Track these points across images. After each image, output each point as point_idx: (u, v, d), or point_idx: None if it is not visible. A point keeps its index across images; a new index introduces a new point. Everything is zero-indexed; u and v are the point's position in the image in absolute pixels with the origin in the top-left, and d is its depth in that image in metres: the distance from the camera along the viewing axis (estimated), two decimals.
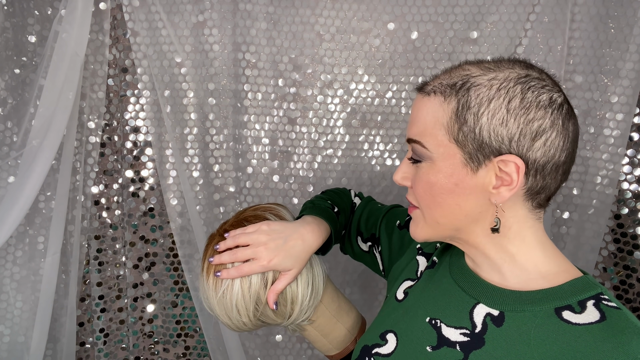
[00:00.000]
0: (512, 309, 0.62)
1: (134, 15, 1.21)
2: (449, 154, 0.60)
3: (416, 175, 0.64)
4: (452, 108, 0.60)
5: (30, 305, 1.23)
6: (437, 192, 0.62)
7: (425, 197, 0.64)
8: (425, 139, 0.62)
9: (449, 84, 0.61)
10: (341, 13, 1.20)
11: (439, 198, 0.62)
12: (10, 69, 1.14)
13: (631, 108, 1.13)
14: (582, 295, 0.60)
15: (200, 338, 1.49)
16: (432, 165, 0.62)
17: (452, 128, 0.60)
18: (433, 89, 0.62)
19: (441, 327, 0.67)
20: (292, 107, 1.26)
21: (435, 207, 0.63)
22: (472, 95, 0.59)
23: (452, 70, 0.63)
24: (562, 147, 0.59)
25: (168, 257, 1.44)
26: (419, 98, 0.64)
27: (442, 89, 0.61)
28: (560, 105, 0.59)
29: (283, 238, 0.81)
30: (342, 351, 0.93)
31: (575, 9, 1.14)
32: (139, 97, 1.34)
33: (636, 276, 1.23)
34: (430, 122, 0.61)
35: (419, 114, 0.63)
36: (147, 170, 1.39)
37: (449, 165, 0.61)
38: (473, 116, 0.58)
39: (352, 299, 1.35)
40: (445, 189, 0.61)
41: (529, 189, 0.60)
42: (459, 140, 0.59)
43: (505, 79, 0.59)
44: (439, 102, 0.61)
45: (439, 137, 0.61)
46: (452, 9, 1.17)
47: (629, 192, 1.21)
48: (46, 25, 1.16)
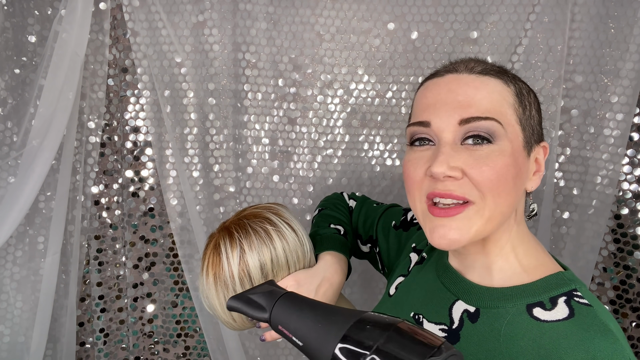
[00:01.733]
0: (487, 306, 0.62)
1: (134, 15, 1.21)
2: (515, 135, 0.59)
3: (477, 160, 0.57)
4: (513, 91, 0.60)
5: (30, 305, 1.23)
6: (509, 176, 0.58)
7: (491, 184, 0.57)
8: (499, 116, 0.58)
9: (500, 70, 0.62)
10: (341, 13, 1.20)
11: (510, 183, 0.58)
12: (10, 69, 1.14)
13: (631, 108, 1.13)
14: (554, 292, 0.59)
15: (200, 338, 1.49)
16: (504, 146, 0.58)
17: (517, 110, 0.60)
18: (485, 71, 0.60)
19: (423, 322, 0.68)
20: (292, 107, 1.26)
21: (504, 194, 0.58)
22: (519, 84, 0.62)
23: (477, 60, 0.63)
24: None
25: (168, 257, 1.44)
26: (470, 78, 0.60)
27: (497, 74, 0.61)
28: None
29: (313, 289, 0.82)
30: None
31: (575, 9, 1.14)
32: (139, 97, 1.34)
33: (636, 276, 1.23)
34: (497, 101, 0.59)
35: (478, 92, 0.59)
36: (147, 170, 1.39)
37: (515, 146, 0.59)
38: (527, 102, 0.61)
39: (352, 299, 1.35)
40: (513, 171, 0.58)
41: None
42: (522, 123, 0.60)
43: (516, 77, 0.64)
44: (501, 83, 0.60)
45: (507, 115, 0.59)
46: (452, 9, 1.17)
47: (629, 192, 1.21)
48: (46, 25, 1.16)
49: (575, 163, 1.20)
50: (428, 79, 0.65)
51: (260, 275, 0.81)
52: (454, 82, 0.60)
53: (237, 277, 0.81)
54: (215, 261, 0.83)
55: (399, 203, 1.30)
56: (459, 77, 0.60)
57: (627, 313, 1.25)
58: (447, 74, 0.62)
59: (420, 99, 0.64)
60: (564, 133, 1.20)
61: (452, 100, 0.58)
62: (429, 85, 0.63)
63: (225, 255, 0.82)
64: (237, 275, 0.81)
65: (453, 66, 0.62)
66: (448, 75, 0.61)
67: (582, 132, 1.18)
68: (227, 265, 0.81)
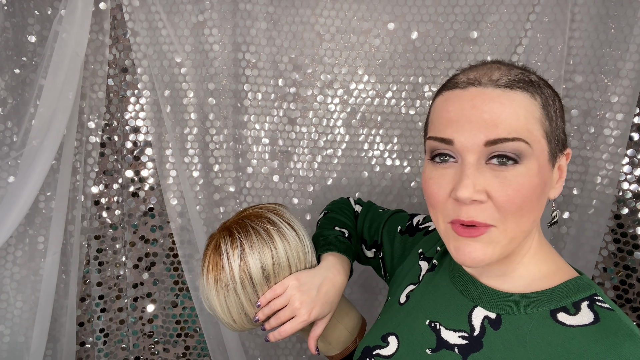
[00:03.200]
0: (509, 312, 0.61)
1: (134, 15, 1.21)
2: (541, 151, 0.58)
3: (502, 183, 0.56)
4: (539, 104, 0.58)
5: (30, 305, 1.23)
6: (534, 196, 0.57)
7: (515, 207, 0.56)
8: (526, 135, 0.56)
9: (525, 80, 0.58)
10: (341, 13, 1.20)
11: (534, 202, 0.57)
12: (10, 69, 1.14)
13: (631, 108, 1.13)
14: (576, 297, 0.59)
15: (200, 338, 1.49)
16: (530, 165, 0.56)
17: (544, 123, 0.58)
18: (511, 84, 0.57)
19: (440, 329, 0.66)
20: (292, 107, 1.26)
21: (527, 214, 0.58)
22: (545, 92, 0.59)
23: (503, 66, 0.60)
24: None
25: (168, 257, 1.44)
26: (496, 93, 0.57)
27: (524, 85, 0.58)
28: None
29: (315, 288, 0.82)
30: (342, 351, 0.93)
31: (575, 9, 1.14)
32: (139, 97, 1.34)
33: (636, 276, 1.23)
34: (523, 117, 0.56)
35: (505, 110, 0.56)
36: (147, 170, 1.39)
37: (542, 162, 0.58)
38: (553, 112, 0.59)
39: (352, 299, 1.35)
40: (539, 190, 0.57)
41: None
42: (548, 136, 0.58)
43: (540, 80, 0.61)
44: (528, 96, 0.57)
45: (534, 132, 0.57)
46: (452, 9, 1.17)
47: (629, 192, 1.21)
48: (46, 25, 1.16)
49: (575, 163, 1.20)
50: (448, 89, 0.61)
51: (262, 276, 0.81)
52: (479, 97, 0.57)
53: (237, 278, 0.81)
54: (216, 262, 0.83)
55: (399, 203, 1.30)
56: (483, 91, 0.57)
57: (627, 313, 1.25)
58: (470, 86, 0.58)
59: (441, 111, 0.61)
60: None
61: (477, 119, 0.56)
62: (450, 97, 0.60)
63: (226, 256, 0.82)
64: (237, 276, 0.81)
65: (477, 78, 0.59)
66: (471, 89, 0.58)
67: (582, 132, 1.18)
68: (227, 266, 0.81)
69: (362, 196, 1.30)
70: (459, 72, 0.64)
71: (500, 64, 0.61)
